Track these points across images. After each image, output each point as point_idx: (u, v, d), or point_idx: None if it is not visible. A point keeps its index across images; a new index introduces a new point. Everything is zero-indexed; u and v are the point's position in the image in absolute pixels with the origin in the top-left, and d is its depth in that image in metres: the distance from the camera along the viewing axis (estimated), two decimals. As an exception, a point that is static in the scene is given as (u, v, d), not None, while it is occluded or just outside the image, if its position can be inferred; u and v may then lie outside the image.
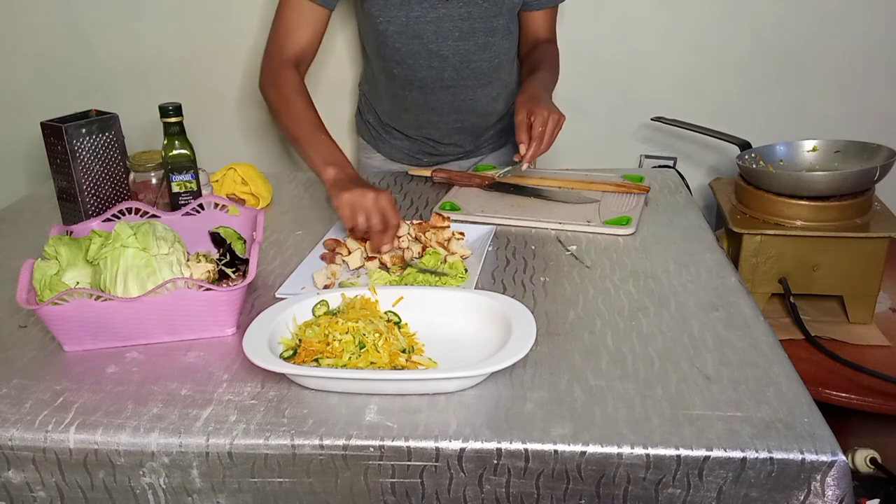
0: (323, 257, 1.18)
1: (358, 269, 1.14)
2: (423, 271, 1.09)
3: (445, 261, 1.12)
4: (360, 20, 1.49)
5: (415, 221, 1.22)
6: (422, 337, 0.95)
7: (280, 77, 1.31)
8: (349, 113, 1.90)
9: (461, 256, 1.15)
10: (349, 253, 1.15)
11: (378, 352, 0.88)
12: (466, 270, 1.11)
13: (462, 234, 1.20)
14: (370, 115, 1.63)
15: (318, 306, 0.98)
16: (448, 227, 1.20)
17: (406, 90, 1.50)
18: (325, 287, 1.08)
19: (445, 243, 1.16)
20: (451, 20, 1.39)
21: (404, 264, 1.13)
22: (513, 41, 1.52)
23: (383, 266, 1.14)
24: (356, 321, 0.91)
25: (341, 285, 1.09)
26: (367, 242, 1.16)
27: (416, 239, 1.18)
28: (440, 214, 1.23)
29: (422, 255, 1.14)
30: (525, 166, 1.31)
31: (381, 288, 1.00)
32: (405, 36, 1.41)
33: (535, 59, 1.48)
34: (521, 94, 1.34)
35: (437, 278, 1.09)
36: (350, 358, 0.87)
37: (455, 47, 1.43)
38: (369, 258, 1.14)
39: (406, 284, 1.07)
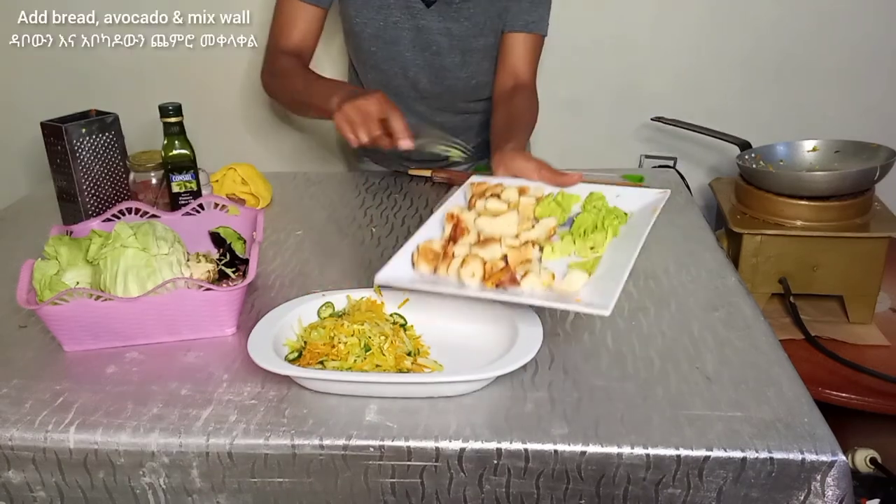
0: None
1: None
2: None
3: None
4: (341, 20, 1.47)
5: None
6: (427, 339, 0.94)
7: (277, 65, 1.36)
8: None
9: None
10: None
11: (384, 355, 0.87)
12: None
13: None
14: None
15: (324, 308, 0.97)
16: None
17: None
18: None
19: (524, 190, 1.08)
20: (429, 32, 1.37)
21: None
22: (495, 63, 1.48)
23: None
24: (361, 324, 0.91)
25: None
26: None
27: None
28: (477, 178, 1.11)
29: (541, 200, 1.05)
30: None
31: (387, 290, 0.98)
32: (381, 40, 1.39)
33: (512, 120, 1.31)
34: (498, 156, 1.16)
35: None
36: (355, 361, 0.87)
37: (431, 60, 1.41)
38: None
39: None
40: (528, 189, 1.08)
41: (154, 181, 1.29)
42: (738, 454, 0.75)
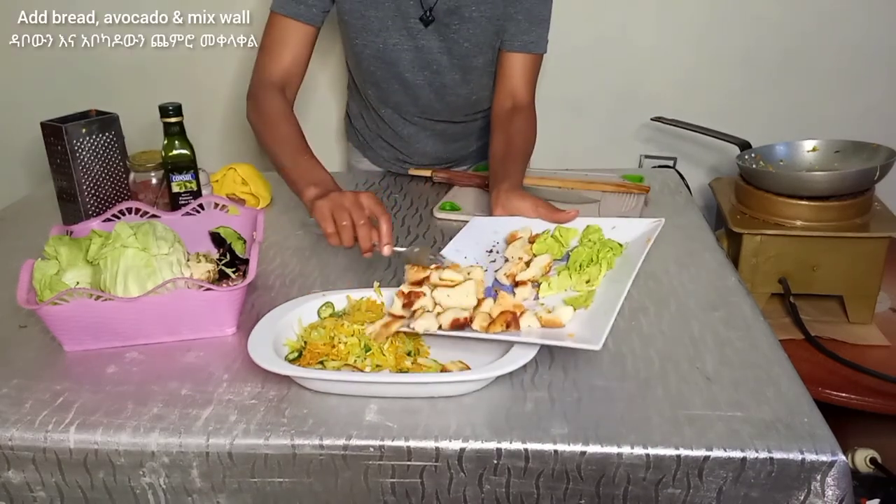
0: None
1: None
2: None
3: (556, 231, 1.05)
4: (341, 38, 1.46)
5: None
6: (427, 339, 0.94)
7: (264, 102, 1.28)
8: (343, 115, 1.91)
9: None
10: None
11: (384, 355, 0.87)
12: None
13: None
14: (358, 122, 1.63)
15: (324, 308, 0.97)
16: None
17: (383, 108, 1.50)
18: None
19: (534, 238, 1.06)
20: (428, 52, 1.37)
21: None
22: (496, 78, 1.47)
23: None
24: (361, 324, 0.91)
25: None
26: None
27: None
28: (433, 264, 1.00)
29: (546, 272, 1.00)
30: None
31: (386, 290, 0.99)
32: (381, 61, 1.38)
33: (509, 149, 1.29)
34: (494, 195, 1.17)
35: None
36: (355, 360, 0.87)
37: (431, 79, 1.40)
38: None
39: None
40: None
41: (154, 181, 1.29)
42: (738, 454, 0.75)
